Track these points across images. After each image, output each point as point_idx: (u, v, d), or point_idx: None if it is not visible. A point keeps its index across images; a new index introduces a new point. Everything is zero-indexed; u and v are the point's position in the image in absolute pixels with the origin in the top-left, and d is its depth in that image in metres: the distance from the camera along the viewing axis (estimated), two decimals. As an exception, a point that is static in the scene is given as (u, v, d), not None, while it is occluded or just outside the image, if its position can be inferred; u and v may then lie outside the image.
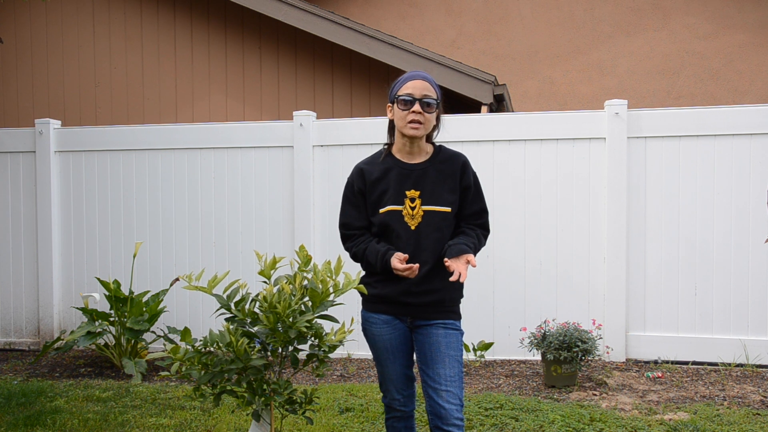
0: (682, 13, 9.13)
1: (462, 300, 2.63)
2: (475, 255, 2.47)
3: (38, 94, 7.16)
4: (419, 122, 2.46)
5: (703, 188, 5.06)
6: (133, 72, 7.00)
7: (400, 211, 2.50)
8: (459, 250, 2.43)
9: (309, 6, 6.36)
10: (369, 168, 2.59)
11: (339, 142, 5.49)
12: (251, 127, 5.66)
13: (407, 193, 2.51)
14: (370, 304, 2.60)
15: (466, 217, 2.57)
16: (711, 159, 5.05)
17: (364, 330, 2.64)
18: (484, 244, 2.62)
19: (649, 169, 5.13)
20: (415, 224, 2.49)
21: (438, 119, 2.57)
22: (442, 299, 2.52)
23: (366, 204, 2.58)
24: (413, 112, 2.45)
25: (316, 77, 6.61)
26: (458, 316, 2.58)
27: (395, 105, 2.52)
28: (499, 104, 6.77)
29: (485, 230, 2.62)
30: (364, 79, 6.51)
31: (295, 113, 5.56)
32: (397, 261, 2.42)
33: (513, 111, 7.91)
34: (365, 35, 6.20)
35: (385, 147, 2.63)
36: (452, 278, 2.35)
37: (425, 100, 2.47)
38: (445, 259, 2.42)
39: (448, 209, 2.51)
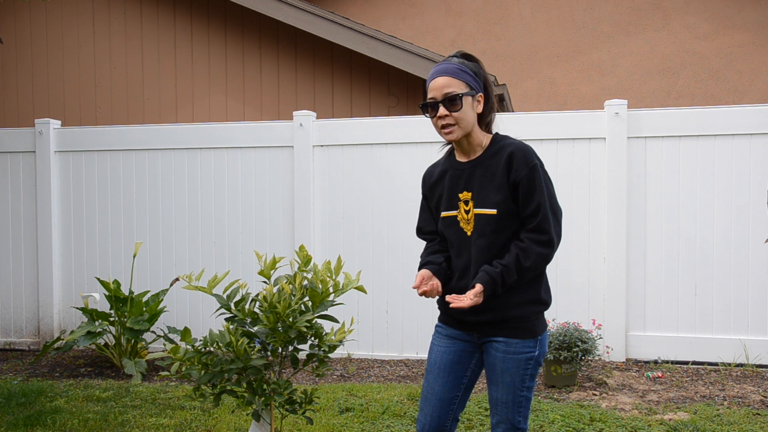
0: (682, 13, 9.13)
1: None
2: (509, 279, 2.12)
3: (38, 94, 7.16)
4: (450, 124, 2.22)
5: (703, 188, 5.06)
6: (133, 72, 7.00)
7: (455, 217, 2.24)
8: (477, 279, 2.13)
9: (309, 6, 6.36)
10: (431, 170, 2.39)
11: (339, 142, 5.49)
12: (251, 127, 5.66)
13: (460, 195, 2.24)
14: (443, 315, 2.36)
15: (523, 219, 2.19)
16: (711, 159, 5.05)
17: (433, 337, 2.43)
18: (540, 253, 2.16)
19: (649, 169, 5.13)
20: (471, 230, 2.21)
21: (488, 102, 2.33)
22: (504, 317, 2.19)
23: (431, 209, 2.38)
24: (439, 117, 2.21)
25: (316, 77, 6.60)
26: (529, 334, 2.20)
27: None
28: (499, 104, 6.76)
29: (541, 233, 2.16)
30: (364, 79, 6.51)
31: (295, 113, 5.56)
32: (417, 281, 2.20)
33: (513, 111, 7.91)
34: (365, 35, 6.20)
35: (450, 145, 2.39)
36: (447, 298, 2.11)
37: (447, 98, 2.20)
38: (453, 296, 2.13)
39: (494, 211, 2.17)
